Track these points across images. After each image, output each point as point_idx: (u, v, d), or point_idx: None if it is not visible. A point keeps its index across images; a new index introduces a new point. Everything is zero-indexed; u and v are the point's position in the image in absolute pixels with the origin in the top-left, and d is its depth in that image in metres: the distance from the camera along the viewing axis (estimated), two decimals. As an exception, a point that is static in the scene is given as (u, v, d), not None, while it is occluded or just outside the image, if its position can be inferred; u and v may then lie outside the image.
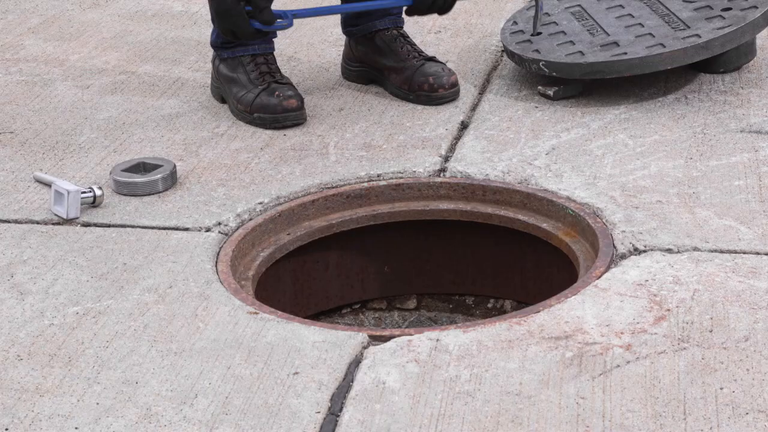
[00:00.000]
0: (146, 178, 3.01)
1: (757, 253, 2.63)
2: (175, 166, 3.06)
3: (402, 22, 3.57)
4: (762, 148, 3.09)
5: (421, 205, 3.04)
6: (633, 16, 3.50)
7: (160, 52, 4.00)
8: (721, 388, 2.20)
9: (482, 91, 3.55)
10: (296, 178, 3.06)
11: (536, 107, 3.40)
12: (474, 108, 3.44)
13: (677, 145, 3.14)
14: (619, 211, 2.82)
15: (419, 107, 3.44)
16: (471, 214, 3.01)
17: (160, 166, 3.05)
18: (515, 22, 3.64)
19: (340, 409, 2.20)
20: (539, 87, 3.44)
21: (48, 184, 3.02)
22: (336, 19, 4.15)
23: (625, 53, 3.31)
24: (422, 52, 3.54)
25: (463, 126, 3.33)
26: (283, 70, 3.75)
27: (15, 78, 3.78)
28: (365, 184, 3.03)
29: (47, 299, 2.58)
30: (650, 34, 3.39)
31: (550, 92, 3.41)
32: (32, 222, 2.90)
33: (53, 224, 2.89)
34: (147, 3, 4.49)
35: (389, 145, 3.22)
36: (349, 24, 3.59)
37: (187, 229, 2.84)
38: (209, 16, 3.37)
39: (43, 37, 4.14)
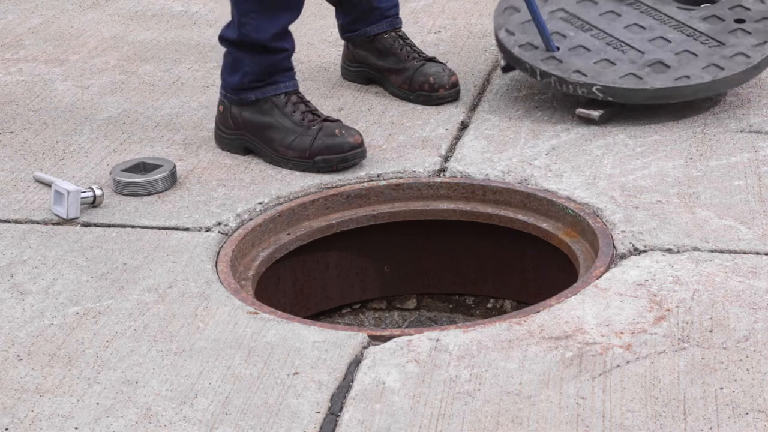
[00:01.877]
0: (146, 178, 3.01)
1: (757, 253, 2.63)
2: (175, 166, 3.06)
3: (400, 23, 3.55)
4: (762, 148, 3.09)
5: (421, 205, 3.04)
6: (644, 27, 3.40)
7: (160, 52, 4.00)
8: (721, 388, 2.20)
9: (482, 91, 3.55)
10: (296, 178, 3.06)
11: (536, 107, 3.40)
12: (474, 108, 3.44)
13: (677, 145, 3.14)
14: (619, 211, 2.82)
15: (419, 107, 3.44)
16: (471, 214, 3.01)
17: (160, 166, 3.05)
18: (510, 32, 3.43)
19: (340, 409, 2.20)
20: (580, 110, 3.26)
21: (48, 184, 3.02)
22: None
23: (688, 77, 3.21)
24: (422, 52, 3.53)
25: (463, 126, 3.33)
26: (283, 70, 3.75)
27: (15, 78, 3.78)
28: (365, 184, 3.03)
29: (47, 299, 2.58)
30: (690, 52, 3.29)
31: (596, 115, 3.24)
32: (32, 222, 2.90)
33: (53, 224, 2.89)
34: (147, 3, 4.49)
35: (389, 145, 3.22)
36: (347, 30, 3.56)
37: (187, 229, 2.84)
38: (209, 16, 3.36)
39: (43, 37, 4.14)
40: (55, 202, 2.92)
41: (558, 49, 3.33)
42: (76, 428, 2.18)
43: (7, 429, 2.18)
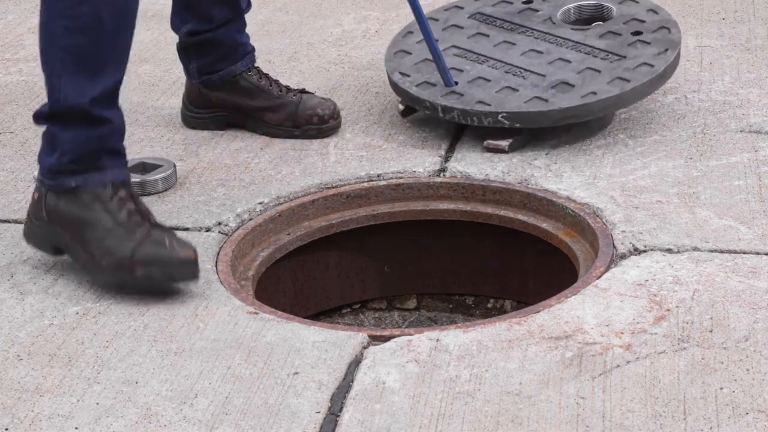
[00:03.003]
0: (146, 178, 3.01)
1: (757, 253, 2.63)
2: (175, 166, 3.06)
3: (255, 59, 3.34)
4: (762, 148, 3.09)
5: (421, 205, 3.04)
6: (541, 52, 3.27)
7: (160, 52, 3.99)
8: (721, 388, 2.20)
9: (482, 91, 3.55)
10: (296, 178, 3.06)
11: (536, 107, 3.40)
12: (474, 108, 3.43)
13: (677, 145, 3.14)
14: (619, 211, 2.82)
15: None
16: (471, 214, 3.01)
17: (160, 166, 3.05)
18: (404, 74, 3.26)
19: (340, 409, 2.20)
20: (488, 141, 3.10)
21: (48, 184, 3.02)
22: (336, 19, 4.16)
23: (595, 93, 3.09)
24: (288, 86, 3.35)
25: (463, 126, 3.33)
26: (283, 70, 3.75)
27: (15, 78, 3.78)
28: (365, 184, 3.03)
29: (47, 299, 2.58)
30: (592, 69, 3.18)
31: (505, 145, 3.08)
32: (32, 222, 2.89)
33: (53, 224, 2.89)
34: (147, 3, 4.49)
35: (389, 145, 3.22)
36: (206, 71, 3.26)
37: (187, 229, 2.84)
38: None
39: (43, 37, 4.14)
40: (55, 202, 2.92)
41: (456, 83, 3.20)
42: (76, 428, 2.18)
43: (7, 429, 2.18)
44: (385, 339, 2.41)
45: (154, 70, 3.83)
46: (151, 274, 2.52)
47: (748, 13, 4.04)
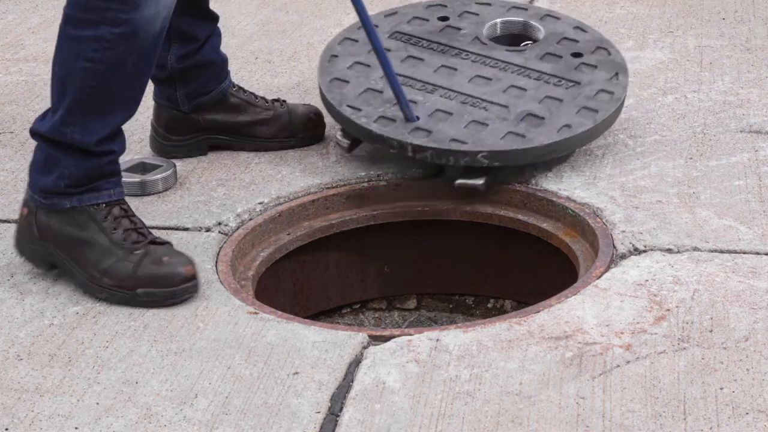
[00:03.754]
0: (146, 178, 3.01)
1: (757, 253, 2.63)
2: (175, 166, 3.06)
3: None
4: (762, 148, 3.09)
5: (421, 205, 3.04)
6: (488, 78, 3.12)
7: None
8: (721, 388, 2.20)
9: (482, 91, 3.55)
10: (296, 178, 3.06)
11: (536, 107, 3.40)
12: (474, 108, 3.43)
13: (677, 145, 3.14)
14: (619, 211, 2.82)
15: (419, 107, 3.43)
16: (471, 214, 3.01)
17: (160, 166, 3.05)
18: (354, 107, 3.03)
19: (340, 409, 2.20)
20: (460, 181, 2.93)
21: (48, 184, 3.02)
22: (336, 19, 4.15)
23: (569, 126, 2.96)
24: (264, 96, 3.27)
25: (463, 126, 3.33)
26: (283, 70, 3.75)
27: (15, 78, 3.78)
28: (365, 184, 3.03)
29: (47, 299, 2.58)
30: (552, 97, 3.05)
31: (481, 184, 2.93)
32: (32, 222, 2.89)
33: (53, 224, 2.89)
34: (147, 3, 4.49)
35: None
36: (198, 94, 3.14)
37: (187, 229, 2.84)
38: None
39: (43, 37, 4.14)
40: (55, 202, 2.92)
41: (418, 118, 2.98)
42: (76, 428, 2.18)
43: (7, 429, 2.18)
44: (385, 339, 2.41)
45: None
46: (152, 293, 2.52)
47: (748, 13, 4.04)
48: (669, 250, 2.65)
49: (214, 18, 3.13)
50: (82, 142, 2.53)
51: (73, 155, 2.54)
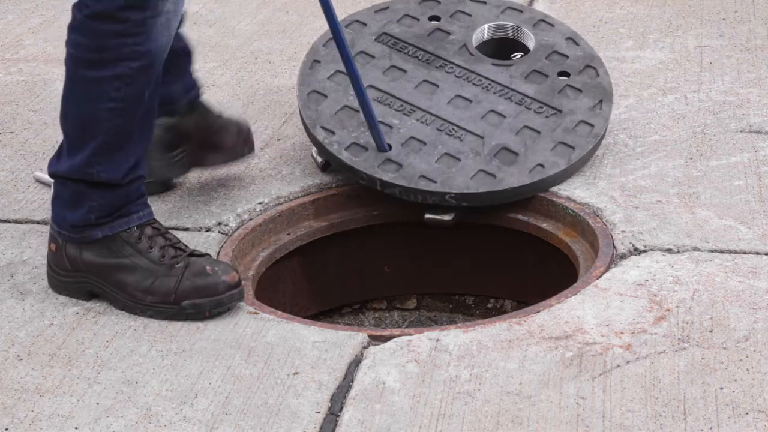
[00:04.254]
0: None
1: (757, 253, 2.63)
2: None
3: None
4: (762, 148, 3.09)
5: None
6: (469, 100, 3.04)
7: (160, 52, 3.99)
8: (721, 388, 2.20)
9: (482, 91, 3.55)
10: (296, 178, 3.06)
11: (536, 107, 3.40)
12: (474, 108, 3.43)
13: (677, 145, 3.14)
14: (619, 211, 2.82)
15: (419, 107, 3.43)
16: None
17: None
18: (328, 129, 2.96)
19: (340, 409, 2.20)
20: (429, 216, 2.88)
21: (48, 184, 3.02)
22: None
23: (542, 165, 2.89)
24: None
25: (463, 126, 3.33)
26: (283, 70, 3.75)
27: (15, 78, 3.78)
28: (365, 184, 3.03)
29: (47, 299, 2.58)
30: (530, 128, 2.98)
31: (449, 220, 2.88)
32: (32, 222, 2.90)
33: (53, 224, 2.89)
34: (147, 3, 4.49)
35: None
36: (190, 87, 2.93)
37: (187, 229, 2.84)
38: (209, 16, 3.33)
39: (43, 37, 4.14)
40: (55, 202, 2.91)
41: (390, 147, 2.91)
42: (76, 428, 2.18)
43: (7, 429, 2.18)
44: (385, 339, 2.41)
45: (154, 70, 3.83)
46: (198, 305, 2.48)
47: (748, 13, 4.04)
48: (669, 250, 2.65)
49: (183, 59, 2.90)
50: (109, 178, 2.48)
51: (101, 189, 2.50)
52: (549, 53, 3.18)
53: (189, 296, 2.48)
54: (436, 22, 3.24)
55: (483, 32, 3.22)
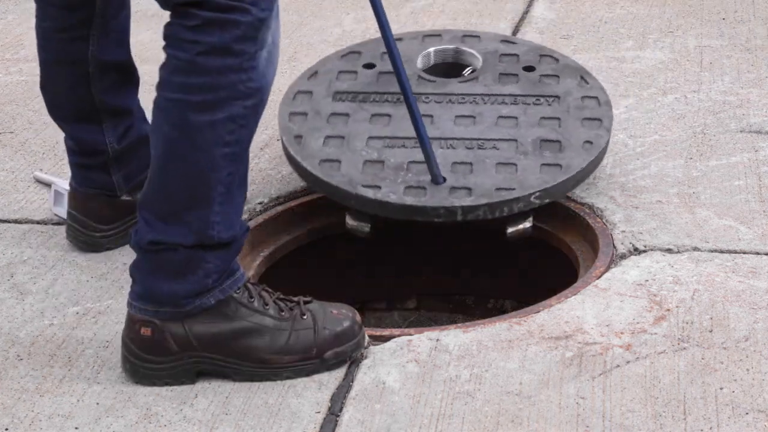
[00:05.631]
0: (146, 178, 2.99)
1: (757, 253, 2.63)
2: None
3: None
4: (762, 148, 3.09)
5: (421, 205, 3.03)
6: (472, 116, 2.94)
7: (160, 52, 3.98)
8: (721, 388, 2.20)
9: (482, 91, 3.54)
10: (296, 178, 3.06)
11: (536, 107, 3.40)
12: (474, 108, 3.43)
13: (677, 145, 3.14)
14: (619, 211, 2.82)
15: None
16: (471, 214, 3.00)
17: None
18: (373, 186, 2.76)
19: (340, 409, 2.20)
20: (511, 230, 2.80)
21: (48, 184, 3.02)
22: (336, 19, 4.15)
23: (590, 142, 2.86)
24: None
25: (463, 126, 3.32)
26: (283, 70, 3.75)
27: (15, 78, 3.78)
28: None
29: (47, 299, 2.58)
30: (550, 117, 2.93)
31: (529, 226, 2.80)
32: (32, 222, 2.90)
33: (53, 224, 2.89)
34: (147, 3, 4.47)
35: (389, 145, 3.21)
36: (135, 175, 2.74)
37: (187, 229, 2.84)
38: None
39: (43, 37, 4.14)
40: (55, 202, 2.92)
41: (445, 179, 2.77)
42: (76, 428, 2.18)
43: (7, 429, 2.18)
44: (385, 339, 2.41)
45: (153, 70, 3.82)
46: (341, 353, 2.31)
47: (748, 13, 4.04)
48: (669, 250, 2.65)
49: (137, 76, 2.77)
50: (228, 237, 2.25)
51: (217, 250, 2.25)
52: (498, 57, 3.11)
53: (331, 346, 2.30)
54: (373, 68, 3.08)
55: (429, 57, 3.12)
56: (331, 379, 2.28)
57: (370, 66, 3.10)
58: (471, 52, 3.14)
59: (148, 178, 2.25)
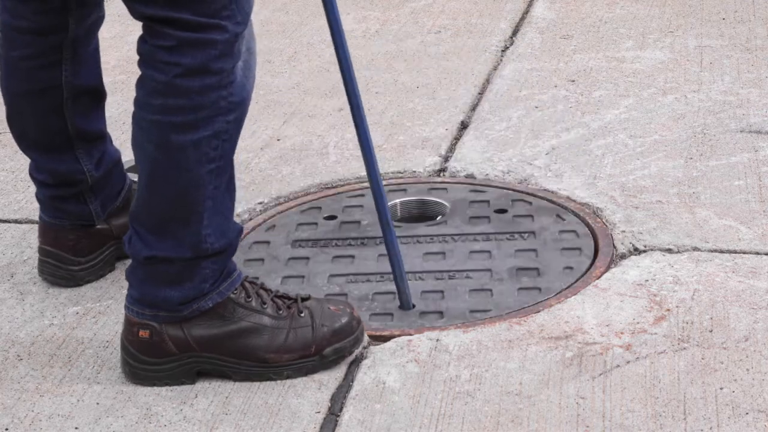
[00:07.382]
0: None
1: (757, 253, 2.63)
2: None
3: None
4: (762, 148, 3.09)
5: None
6: (441, 253, 2.74)
7: (160, 52, 3.99)
8: (721, 388, 2.20)
9: (482, 91, 3.55)
10: (296, 178, 3.06)
11: (536, 107, 3.40)
12: (474, 108, 3.44)
13: (677, 145, 3.14)
14: (619, 211, 2.82)
15: (419, 107, 3.44)
16: (471, 215, 2.99)
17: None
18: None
19: (340, 409, 2.21)
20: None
21: (48, 184, 3.02)
22: (336, 19, 4.16)
23: (571, 267, 2.65)
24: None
25: (463, 126, 3.33)
26: (283, 70, 3.76)
27: (15, 78, 3.78)
28: (365, 184, 3.03)
29: (47, 299, 2.58)
30: (526, 249, 2.72)
31: None
32: (32, 222, 2.90)
33: (53, 224, 2.89)
34: (147, 3, 4.49)
35: (389, 145, 3.22)
36: (110, 202, 2.67)
37: (187, 229, 2.84)
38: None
39: (43, 37, 4.14)
40: (55, 202, 2.92)
41: (414, 305, 2.54)
42: (76, 428, 2.18)
43: (7, 429, 2.18)
44: (385, 339, 2.41)
45: (154, 70, 3.83)
46: (340, 348, 2.32)
47: (748, 13, 4.04)
48: (669, 250, 2.65)
49: (105, 97, 2.66)
50: (222, 245, 2.26)
51: (213, 257, 2.26)
52: (469, 203, 2.93)
53: (329, 342, 2.30)
54: (334, 219, 2.91)
55: (396, 209, 2.94)
56: (331, 379, 2.28)
57: (331, 218, 2.90)
58: (437, 200, 2.96)
59: (137, 192, 2.25)
